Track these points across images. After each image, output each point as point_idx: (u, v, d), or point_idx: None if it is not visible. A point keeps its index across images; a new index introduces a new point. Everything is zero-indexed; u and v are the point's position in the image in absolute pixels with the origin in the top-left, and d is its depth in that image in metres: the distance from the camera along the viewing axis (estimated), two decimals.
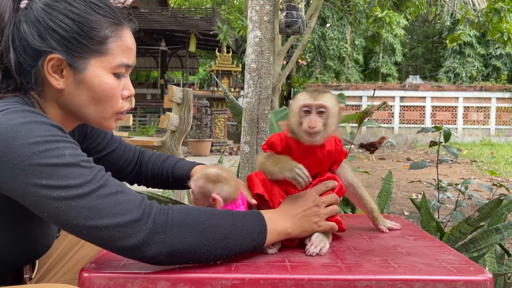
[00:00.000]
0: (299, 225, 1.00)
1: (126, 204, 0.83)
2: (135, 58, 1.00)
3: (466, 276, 0.87)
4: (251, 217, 0.94)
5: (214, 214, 0.90)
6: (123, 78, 0.98)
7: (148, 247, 0.82)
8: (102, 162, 1.17)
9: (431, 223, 1.78)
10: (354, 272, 0.88)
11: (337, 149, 1.11)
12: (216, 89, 10.06)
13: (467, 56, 15.97)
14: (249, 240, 0.91)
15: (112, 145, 1.22)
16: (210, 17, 12.74)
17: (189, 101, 4.02)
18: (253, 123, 1.73)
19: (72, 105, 0.94)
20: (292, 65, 8.72)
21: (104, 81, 0.93)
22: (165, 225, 0.83)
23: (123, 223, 0.81)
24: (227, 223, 0.89)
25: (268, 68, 1.72)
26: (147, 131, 12.76)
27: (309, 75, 16.25)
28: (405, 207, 4.14)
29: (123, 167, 1.24)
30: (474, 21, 5.29)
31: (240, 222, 0.91)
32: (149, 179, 1.28)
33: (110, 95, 0.95)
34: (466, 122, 14.81)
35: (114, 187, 0.84)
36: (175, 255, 0.84)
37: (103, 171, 0.86)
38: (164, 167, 1.27)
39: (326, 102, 1.03)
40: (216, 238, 0.87)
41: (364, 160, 8.70)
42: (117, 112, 0.98)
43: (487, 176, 6.42)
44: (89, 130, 1.17)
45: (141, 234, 0.81)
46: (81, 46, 0.90)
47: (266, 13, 1.71)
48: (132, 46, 0.99)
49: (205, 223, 0.87)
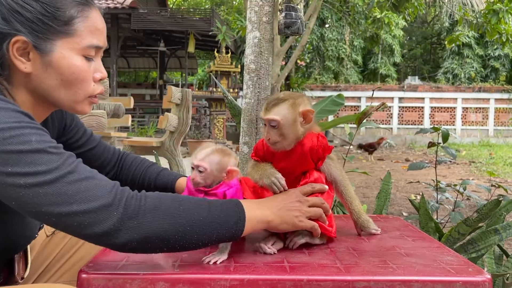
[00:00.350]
0: (279, 215, 0.97)
1: (96, 190, 0.81)
2: (105, 40, 0.97)
3: (464, 277, 0.87)
4: (229, 205, 0.92)
5: (190, 200, 0.89)
6: (94, 60, 0.95)
7: (119, 233, 0.80)
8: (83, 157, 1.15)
9: (430, 223, 1.78)
10: (353, 272, 0.88)
11: (320, 144, 1.08)
12: (215, 89, 10.06)
13: (465, 57, 15.99)
14: (226, 227, 0.89)
15: (92, 142, 1.20)
16: (209, 17, 12.74)
17: (188, 102, 4.02)
18: (252, 123, 1.73)
19: (41, 89, 0.92)
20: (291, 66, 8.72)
21: (72, 63, 0.90)
22: (138, 211, 0.82)
23: (93, 209, 0.79)
24: (203, 210, 0.87)
25: (267, 69, 1.73)
26: (146, 132, 12.75)
27: (308, 76, 16.26)
28: (403, 208, 4.14)
29: (101, 166, 1.21)
30: (473, 22, 5.30)
31: (217, 210, 0.89)
32: (128, 183, 1.24)
33: (81, 77, 0.92)
34: (464, 123, 14.83)
35: (84, 173, 0.82)
36: (148, 242, 0.82)
37: (73, 157, 0.84)
38: (147, 173, 1.24)
39: (276, 116, 1.02)
40: (192, 224, 0.85)
41: (362, 161, 8.71)
42: (90, 96, 0.95)
43: (486, 177, 6.43)
44: (69, 121, 1.15)
45: (112, 220, 0.80)
46: (46, 27, 0.88)
47: (265, 13, 1.71)
48: (101, 27, 0.95)
49: (180, 209, 0.85)
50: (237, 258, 0.96)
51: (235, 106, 2.10)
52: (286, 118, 1.03)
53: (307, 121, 1.06)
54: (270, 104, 1.05)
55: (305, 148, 1.07)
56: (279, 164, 1.09)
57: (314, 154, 1.08)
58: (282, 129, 1.03)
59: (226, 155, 1.04)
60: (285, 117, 1.03)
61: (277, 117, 1.02)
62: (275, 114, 1.03)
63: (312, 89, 14.83)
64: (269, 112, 1.04)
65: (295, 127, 1.04)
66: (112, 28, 13.27)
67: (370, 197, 4.62)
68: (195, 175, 1.02)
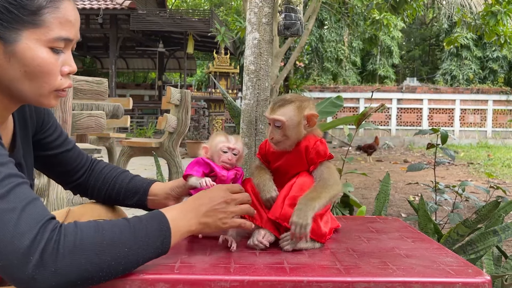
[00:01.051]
0: (202, 222, 0.96)
1: (18, 226, 0.74)
2: (77, 32, 0.93)
3: (464, 278, 0.87)
4: (153, 224, 0.88)
5: (114, 230, 0.83)
6: (63, 53, 0.91)
7: (36, 282, 0.74)
8: (57, 159, 1.15)
9: (429, 225, 1.79)
10: (353, 274, 0.88)
11: (315, 147, 1.07)
12: (213, 90, 10.06)
13: (464, 59, 16.02)
14: (153, 249, 0.87)
15: (68, 144, 1.17)
16: (208, 18, 12.74)
17: (187, 103, 4.02)
18: (251, 124, 1.73)
19: (5, 81, 0.88)
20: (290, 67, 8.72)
21: (37, 54, 0.87)
22: (55, 256, 0.76)
23: (7, 251, 0.73)
24: (128, 238, 0.83)
25: (267, 70, 1.73)
26: (144, 133, 12.74)
27: (306, 77, 16.26)
28: (402, 209, 4.15)
29: (74, 171, 1.19)
30: (471, 23, 5.32)
31: (142, 233, 0.86)
32: (97, 189, 1.21)
33: (46, 70, 0.88)
34: (463, 124, 14.85)
35: (14, 202, 0.75)
36: (71, 285, 0.77)
37: (13, 178, 0.78)
38: (118, 179, 1.21)
39: (281, 116, 1.05)
40: (117, 258, 0.81)
41: (361, 162, 8.72)
42: (57, 89, 0.92)
43: (484, 178, 6.44)
44: (46, 117, 1.12)
45: (27, 266, 0.73)
46: (12, 16, 0.84)
47: (265, 15, 1.72)
48: (72, 19, 0.91)
49: (103, 243, 0.80)
50: (237, 259, 0.96)
51: (234, 107, 2.10)
52: (291, 120, 1.05)
53: (311, 125, 1.08)
54: (276, 104, 1.07)
55: (301, 147, 1.08)
56: (276, 163, 1.11)
57: (308, 154, 1.08)
58: (286, 130, 1.05)
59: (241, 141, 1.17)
60: (290, 119, 1.05)
61: (282, 118, 1.05)
62: (280, 115, 1.05)
63: (311, 90, 14.84)
64: (275, 112, 1.06)
65: (299, 129, 1.06)
66: (111, 29, 13.27)
67: (369, 198, 4.63)
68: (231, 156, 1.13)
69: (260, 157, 1.16)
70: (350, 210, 2.12)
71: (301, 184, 1.06)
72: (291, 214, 0.99)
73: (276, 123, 1.05)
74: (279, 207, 1.05)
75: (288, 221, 1.01)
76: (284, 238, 1.03)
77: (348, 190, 2.14)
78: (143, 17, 12.55)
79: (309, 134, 1.09)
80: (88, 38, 16.29)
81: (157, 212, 0.93)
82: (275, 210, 1.05)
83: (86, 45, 16.98)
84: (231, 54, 13.33)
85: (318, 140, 1.09)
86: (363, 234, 1.20)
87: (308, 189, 1.04)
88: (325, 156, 1.08)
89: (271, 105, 1.09)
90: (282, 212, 1.03)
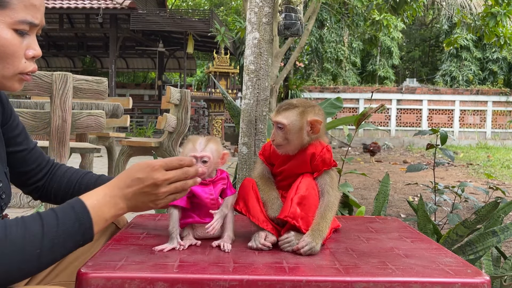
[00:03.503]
0: (131, 204, 0.92)
1: None
2: (42, 18, 0.93)
3: (463, 278, 0.87)
4: (70, 217, 0.85)
5: (20, 233, 0.79)
6: (28, 36, 0.91)
7: None
8: (16, 157, 1.11)
9: (428, 225, 1.79)
10: (352, 274, 0.88)
11: (321, 154, 1.09)
12: (213, 90, 10.06)
13: (463, 60, 16.03)
14: (72, 243, 0.84)
15: (29, 143, 1.14)
16: (208, 18, 12.75)
17: (186, 103, 4.02)
18: (251, 124, 1.73)
19: None
20: (289, 67, 8.73)
21: (1, 35, 0.87)
22: None
23: None
24: (35, 242, 0.79)
25: (267, 70, 1.73)
26: (144, 132, 12.74)
27: (306, 78, 16.27)
28: (401, 210, 4.15)
29: (34, 172, 1.15)
30: (471, 24, 5.32)
31: (53, 232, 0.81)
32: (62, 191, 1.17)
33: (10, 51, 0.88)
34: (462, 125, 14.87)
35: None
36: None
37: None
38: (83, 180, 1.18)
39: (284, 120, 1.06)
40: (26, 262, 0.78)
41: (361, 163, 8.72)
42: (21, 72, 0.91)
43: (483, 179, 6.44)
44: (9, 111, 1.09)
45: None
46: None
47: (265, 15, 1.72)
48: (37, 3, 0.91)
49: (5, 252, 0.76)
50: (236, 259, 0.96)
51: (234, 106, 2.10)
52: (293, 124, 1.06)
53: (315, 131, 1.08)
54: (282, 107, 1.09)
55: (307, 153, 1.09)
56: (281, 167, 1.12)
57: (313, 161, 1.09)
58: (288, 134, 1.07)
59: (217, 141, 1.08)
60: (292, 123, 1.06)
61: (284, 121, 1.06)
62: (283, 118, 1.07)
63: (310, 91, 14.85)
64: (279, 115, 1.08)
65: (301, 134, 1.07)
66: (111, 28, 13.27)
67: (368, 199, 4.63)
68: (200, 166, 1.02)
69: (263, 159, 1.16)
70: (349, 210, 2.12)
71: (307, 184, 1.07)
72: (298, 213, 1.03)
73: (279, 125, 1.07)
74: (287, 206, 1.06)
75: (297, 219, 1.04)
76: (285, 240, 1.03)
77: (347, 191, 2.14)
78: (143, 17, 12.55)
79: (315, 141, 1.10)
80: (88, 37, 16.31)
81: (75, 201, 0.89)
82: (284, 209, 1.06)
83: (86, 44, 16.98)
84: (231, 54, 13.33)
85: (324, 147, 1.10)
86: (362, 234, 1.20)
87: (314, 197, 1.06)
88: (330, 165, 1.10)
89: (277, 107, 1.11)
90: (291, 211, 1.04)
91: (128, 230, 1.18)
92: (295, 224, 1.03)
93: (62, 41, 16.68)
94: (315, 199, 1.07)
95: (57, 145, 2.65)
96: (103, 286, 0.84)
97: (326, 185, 1.08)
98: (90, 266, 0.88)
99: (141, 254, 0.97)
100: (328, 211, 1.06)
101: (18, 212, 3.43)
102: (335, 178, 1.11)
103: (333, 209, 1.07)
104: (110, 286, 0.84)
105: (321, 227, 1.03)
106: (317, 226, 1.03)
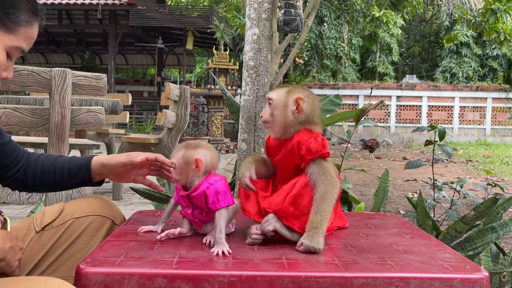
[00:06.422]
0: None
1: None
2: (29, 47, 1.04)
3: (462, 274, 0.87)
4: None
5: None
6: (11, 60, 1.01)
7: None
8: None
9: (427, 221, 1.79)
10: (351, 269, 0.88)
11: (307, 144, 1.05)
12: (213, 87, 10.04)
13: (463, 56, 16.01)
14: None
15: (4, 137, 1.17)
16: (207, 14, 12.70)
17: (186, 99, 4.01)
18: (250, 120, 1.73)
19: None
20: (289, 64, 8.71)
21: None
22: None
23: None
24: None
25: (266, 66, 1.72)
26: (143, 129, 12.73)
27: (306, 74, 16.25)
28: (401, 206, 4.15)
29: (11, 165, 1.18)
30: (471, 21, 5.31)
31: None
32: (39, 177, 1.20)
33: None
34: (462, 122, 14.87)
35: None
36: None
37: None
38: (57, 162, 1.21)
39: (271, 94, 1.12)
40: None
41: (360, 159, 8.73)
42: None
43: (483, 176, 6.45)
44: None
45: None
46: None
47: (264, 10, 1.71)
48: (34, 36, 1.03)
49: None
50: (235, 255, 0.96)
51: (233, 103, 2.10)
52: (279, 99, 1.10)
53: (299, 111, 1.08)
54: (276, 87, 1.15)
55: (293, 142, 1.08)
56: (275, 157, 1.14)
57: (299, 151, 1.06)
58: (274, 109, 1.10)
59: (191, 148, 1.09)
60: (279, 98, 1.10)
61: (272, 95, 1.11)
62: (272, 93, 1.12)
63: (310, 87, 14.83)
64: (270, 92, 1.14)
65: (285, 111, 1.09)
66: (110, 24, 13.23)
67: (367, 195, 4.63)
68: (172, 172, 1.09)
69: (265, 150, 1.21)
70: (348, 207, 2.13)
71: (304, 183, 1.05)
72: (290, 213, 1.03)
73: (269, 101, 1.12)
74: (280, 201, 1.05)
75: (285, 218, 1.03)
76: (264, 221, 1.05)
77: (346, 187, 2.14)
78: (142, 13, 12.50)
79: (304, 129, 1.08)
80: (87, 33, 16.24)
81: None
82: (275, 203, 1.05)
83: (85, 40, 16.92)
84: (231, 50, 13.31)
85: (312, 137, 1.06)
86: (361, 230, 1.20)
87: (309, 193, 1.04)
88: (316, 154, 1.05)
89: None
90: (282, 209, 1.04)
91: (127, 226, 1.18)
92: (283, 222, 1.04)
93: (61, 37, 16.62)
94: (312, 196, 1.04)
95: (56, 141, 2.65)
96: (103, 282, 0.84)
97: (314, 174, 1.03)
98: (89, 262, 0.88)
99: (140, 250, 0.97)
100: (322, 203, 1.01)
101: (18, 208, 3.43)
102: (328, 167, 1.05)
103: (328, 199, 1.01)
104: (110, 282, 0.84)
105: (317, 224, 0.99)
106: (313, 225, 1.00)
